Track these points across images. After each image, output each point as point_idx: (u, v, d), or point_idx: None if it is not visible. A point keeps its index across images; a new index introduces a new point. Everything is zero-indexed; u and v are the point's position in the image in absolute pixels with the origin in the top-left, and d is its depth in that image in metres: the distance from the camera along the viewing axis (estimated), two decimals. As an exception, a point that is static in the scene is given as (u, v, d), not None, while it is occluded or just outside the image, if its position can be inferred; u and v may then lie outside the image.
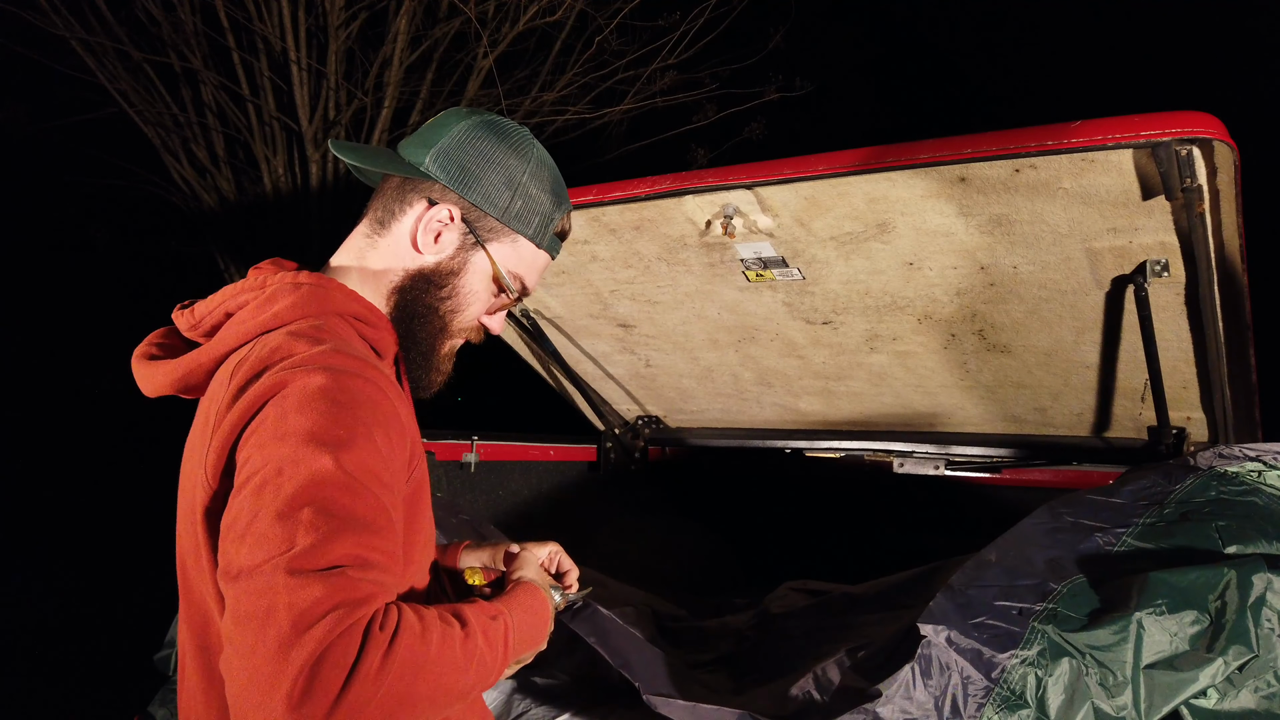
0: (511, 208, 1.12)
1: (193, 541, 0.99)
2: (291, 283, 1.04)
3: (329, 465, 0.85)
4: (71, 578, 5.08)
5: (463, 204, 1.10)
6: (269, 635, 0.77)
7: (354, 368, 0.94)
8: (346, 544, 0.84)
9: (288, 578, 0.79)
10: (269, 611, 0.78)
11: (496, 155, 1.11)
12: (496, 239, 1.12)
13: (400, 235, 1.10)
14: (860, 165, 1.52)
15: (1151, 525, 1.23)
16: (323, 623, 0.78)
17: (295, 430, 0.86)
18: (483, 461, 2.47)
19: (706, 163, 5.54)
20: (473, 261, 1.12)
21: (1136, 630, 1.01)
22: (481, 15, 4.62)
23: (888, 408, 2.40)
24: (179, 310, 1.10)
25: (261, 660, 0.77)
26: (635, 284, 2.13)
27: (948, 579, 1.48)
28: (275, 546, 0.81)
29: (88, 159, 5.11)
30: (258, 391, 0.90)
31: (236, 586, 0.81)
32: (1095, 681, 0.98)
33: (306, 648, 0.77)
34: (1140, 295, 1.62)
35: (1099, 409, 2.10)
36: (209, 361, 1.02)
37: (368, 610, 0.82)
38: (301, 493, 0.83)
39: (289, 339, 0.96)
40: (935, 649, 1.00)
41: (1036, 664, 0.98)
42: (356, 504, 0.86)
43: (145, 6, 4.42)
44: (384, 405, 0.95)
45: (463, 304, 1.13)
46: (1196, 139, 1.28)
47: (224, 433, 0.91)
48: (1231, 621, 1.03)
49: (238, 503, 0.86)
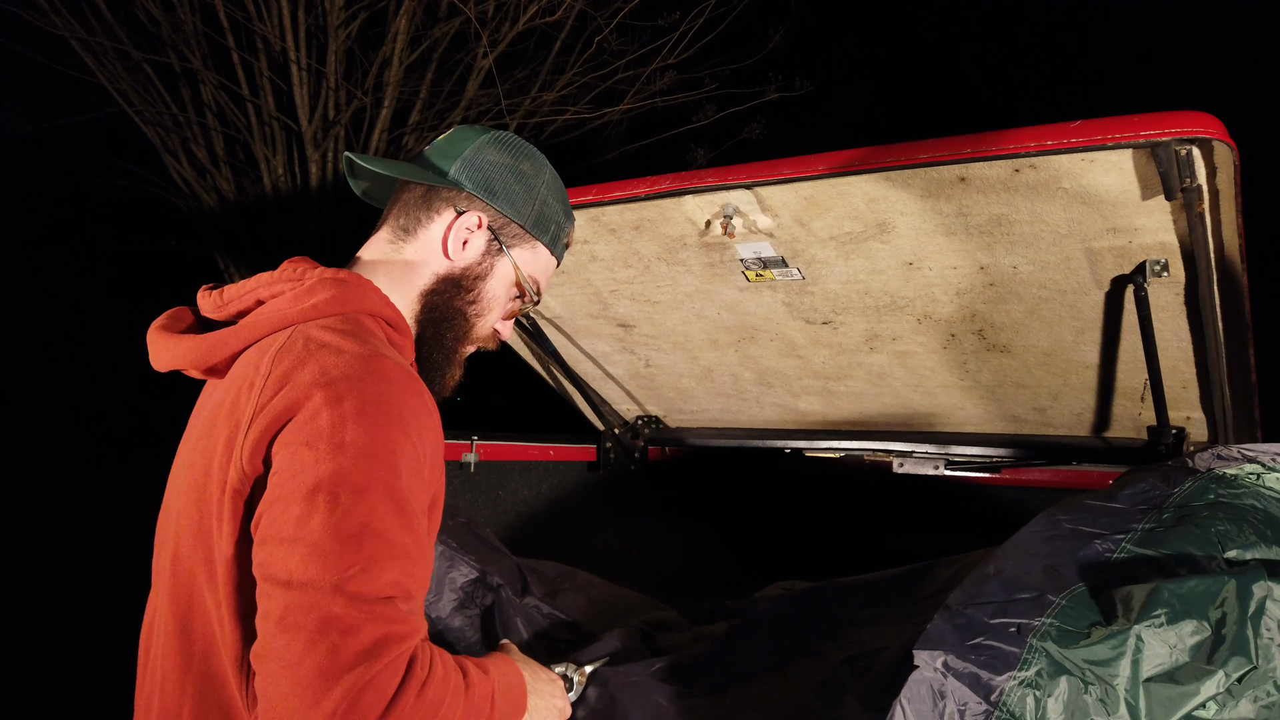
0: (532, 216, 1.17)
1: (195, 520, 0.99)
2: (332, 278, 1.05)
3: (389, 489, 0.87)
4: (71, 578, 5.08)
5: (489, 211, 1.15)
6: (318, 652, 0.79)
7: (405, 377, 0.96)
8: (395, 572, 0.86)
9: (345, 600, 0.81)
10: (321, 629, 0.80)
11: (517, 167, 1.17)
12: (519, 245, 1.17)
13: (428, 241, 1.14)
14: (860, 165, 1.52)
15: (1150, 531, 1.22)
16: (372, 652, 0.81)
17: (354, 442, 0.87)
18: (482, 461, 2.47)
19: (706, 163, 5.54)
20: (498, 267, 1.17)
21: (1135, 644, 1.00)
22: (481, 15, 4.62)
23: (887, 408, 2.40)
24: (205, 291, 1.11)
25: (308, 675, 0.79)
26: (635, 284, 2.13)
27: (944, 578, 1.48)
28: (333, 564, 0.82)
29: (88, 159, 5.11)
30: (307, 385, 0.90)
31: (287, 594, 0.82)
32: (1095, 698, 0.97)
33: (355, 672, 0.79)
34: (1140, 295, 1.62)
35: (1098, 409, 2.10)
36: (239, 343, 1.03)
37: (410, 646, 0.86)
38: (359, 512, 0.85)
39: (335, 335, 0.97)
40: (930, 677, 0.99)
41: (1035, 684, 0.97)
42: (406, 532, 0.89)
43: (145, 6, 4.42)
44: (427, 419, 0.97)
45: (486, 308, 1.18)
46: (1196, 139, 1.28)
47: (267, 419, 0.91)
48: (1232, 632, 1.02)
49: (283, 502, 0.86)
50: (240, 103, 4.73)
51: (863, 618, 1.53)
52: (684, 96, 5.40)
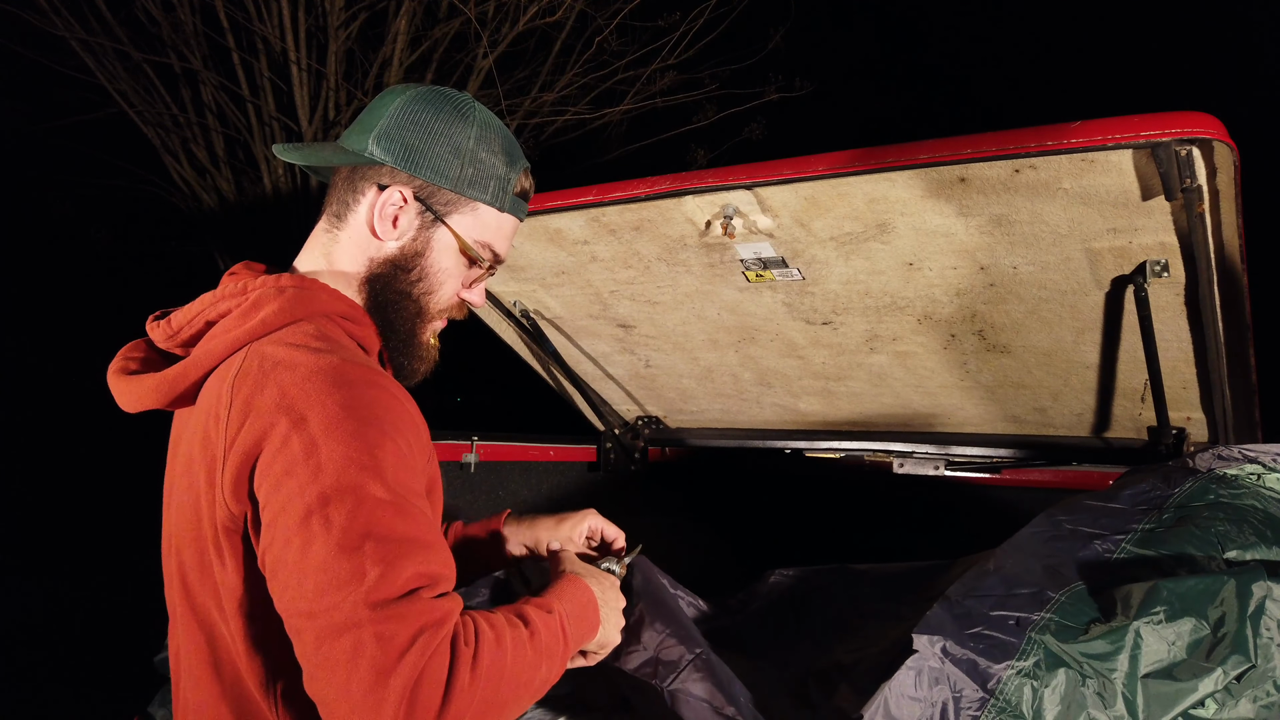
0: (464, 176, 1.07)
1: (198, 556, 0.99)
2: (275, 287, 1.02)
3: (376, 490, 0.86)
4: (71, 578, 5.08)
5: (414, 182, 1.07)
6: (362, 669, 0.80)
7: (365, 376, 0.94)
8: (412, 565, 0.86)
9: (370, 611, 0.81)
10: (357, 647, 0.80)
11: (438, 126, 1.07)
12: (455, 211, 1.08)
13: (358, 226, 1.08)
14: (860, 165, 1.52)
15: (1150, 531, 1.22)
16: (413, 649, 0.81)
17: (330, 459, 0.86)
18: (482, 462, 2.47)
19: (706, 163, 5.54)
20: (436, 239, 1.08)
21: (1134, 639, 1.00)
22: (481, 15, 4.62)
23: (887, 408, 2.40)
24: (153, 321, 1.08)
25: (360, 694, 0.79)
26: (635, 284, 2.13)
27: (943, 578, 1.48)
28: (348, 582, 0.82)
29: (88, 159, 5.11)
30: (270, 411, 0.89)
31: (314, 624, 0.82)
32: (1092, 691, 0.97)
33: (403, 674, 0.80)
34: (1140, 295, 1.62)
35: (1099, 409, 2.10)
36: (196, 373, 1.00)
37: (449, 628, 0.86)
38: (357, 523, 0.84)
39: (288, 350, 0.95)
40: (928, 661, 0.99)
41: (1033, 675, 0.97)
42: (408, 524, 0.88)
43: (145, 7, 4.42)
44: (398, 409, 0.95)
45: (435, 284, 1.10)
46: (1196, 139, 1.28)
47: (239, 453, 0.90)
48: (1231, 631, 1.02)
49: (282, 536, 0.86)
50: (240, 103, 4.73)
51: (869, 611, 1.53)
52: (684, 97, 5.41)
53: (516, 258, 2.14)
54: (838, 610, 1.55)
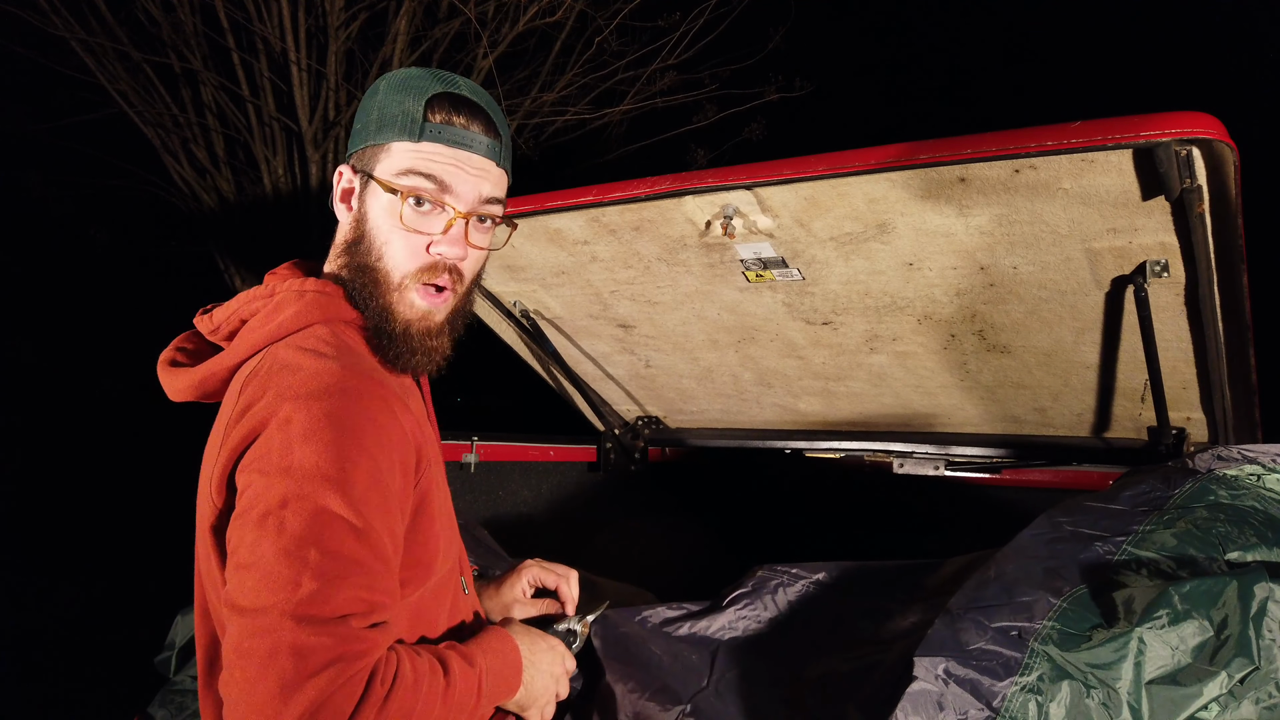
0: (373, 127, 1.05)
1: (203, 551, 1.01)
2: (297, 290, 1.04)
3: (335, 504, 0.86)
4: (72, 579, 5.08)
5: (351, 157, 1.09)
6: (270, 676, 0.79)
7: (363, 387, 0.94)
8: (351, 588, 0.85)
9: (294, 624, 0.81)
10: (272, 653, 0.80)
11: (366, 100, 1.08)
12: (375, 162, 1.05)
13: (339, 215, 1.11)
14: (860, 165, 1.52)
15: (1151, 533, 1.22)
16: (325, 673, 0.80)
17: (301, 464, 0.86)
18: (482, 462, 2.47)
19: (706, 163, 5.54)
20: (369, 197, 1.05)
21: (1137, 646, 0.99)
22: (481, 16, 4.61)
23: (887, 408, 2.40)
24: (200, 315, 1.11)
25: (262, 699, 0.79)
26: (635, 284, 2.13)
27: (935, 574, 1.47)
28: (282, 588, 0.82)
29: (87, 159, 5.11)
30: (261, 413, 0.91)
31: (241, 620, 0.83)
32: (1097, 702, 0.96)
33: (308, 695, 0.79)
34: (1140, 296, 1.62)
35: (1099, 409, 2.10)
36: (223, 371, 1.03)
37: (369, 662, 0.85)
38: (308, 533, 0.84)
39: (297, 353, 0.96)
40: (929, 686, 0.99)
41: (1037, 689, 0.96)
42: (360, 546, 0.87)
43: (145, 7, 4.41)
44: (389, 427, 0.95)
45: (380, 245, 1.03)
46: (1196, 139, 1.28)
47: (228, 451, 0.92)
48: (1234, 633, 1.02)
49: (240, 529, 0.87)
50: (240, 103, 4.73)
51: (859, 608, 1.52)
52: (684, 97, 5.40)
53: (516, 258, 2.13)
54: (827, 607, 1.53)
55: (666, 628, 1.42)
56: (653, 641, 1.37)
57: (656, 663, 1.32)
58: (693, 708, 1.21)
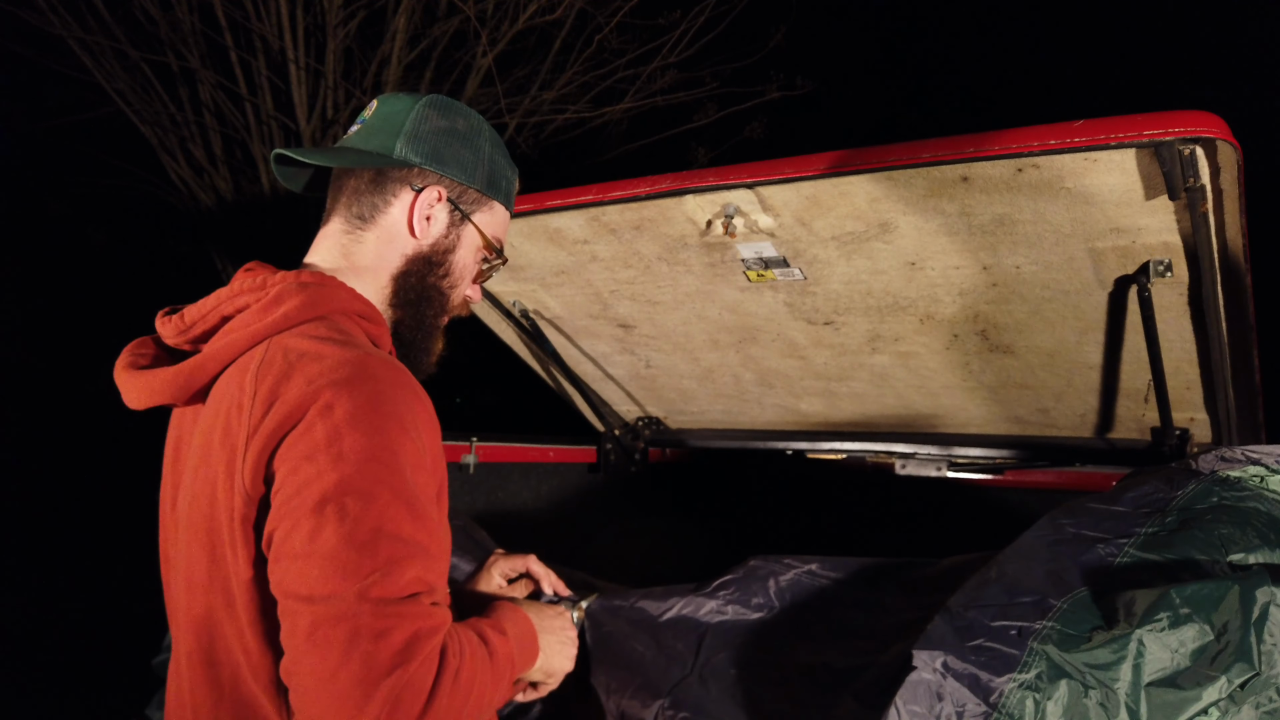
0: (483, 176, 1.17)
1: (207, 553, 0.98)
2: (296, 283, 1.03)
3: (395, 489, 0.88)
4: (71, 580, 5.08)
5: (444, 182, 1.13)
6: (354, 662, 0.80)
7: (390, 373, 0.95)
8: (415, 569, 0.87)
9: (371, 606, 0.82)
10: (352, 639, 0.81)
11: (456, 128, 1.15)
12: (479, 210, 1.17)
13: (390, 225, 1.12)
14: (862, 165, 1.51)
15: (1153, 535, 1.21)
16: (406, 651, 0.82)
17: (353, 449, 0.87)
18: (481, 463, 2.46)
19: (707, 162, 5.54)
20: (463, 235, 1.16)
21: (1137, 648, 0.99)
22: (481, 13, 4.61)
23: (890, 409, 2.39)
24: (164, 316, 1.08)
25: (346, 686, 0.80)
26: (635, 284, 2.12)
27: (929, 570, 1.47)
28: (353, 573, 0.83)
29: (85, 159, 5.10)
30: (297, 399, 0.90)
31: (313, 608, 0.83)
32: (1095, 702, 0.96)
33: (393, 675, 0.81)
34: (1143, 295, 1.61)
35: (1102, 410, 2.09)
36: (215, 366, 1.00)
37: (441, 637, 0.88)
38: (371, 517, 0.85)
39: (313, 342, 0.96)
40: (928, 677, 0.99)
41: (1035, 687, 0.96)
42: (419, 528, 0.89)
43: (143, 6, 4.41)
44: (420, 409, 0.97)
45: (459, 279, 1.17)
46: (1200, 138, 1.27)
47: (262, 439, 0.91)
48: (1234, 637, 1.01)
49: (291, 517, 0.86)
50: (238, 102, 4.72)
51: (855, 599, 1.51)
52: (685, 95, 5.40)
53: (516, 257, 2.13)
54: (819, 596, 1.52)
55: (653, 614, 1.44)
56: (637, 636, 1.40)
57: (639, 659, 1.35)
58: (672, 700, 1.24)
